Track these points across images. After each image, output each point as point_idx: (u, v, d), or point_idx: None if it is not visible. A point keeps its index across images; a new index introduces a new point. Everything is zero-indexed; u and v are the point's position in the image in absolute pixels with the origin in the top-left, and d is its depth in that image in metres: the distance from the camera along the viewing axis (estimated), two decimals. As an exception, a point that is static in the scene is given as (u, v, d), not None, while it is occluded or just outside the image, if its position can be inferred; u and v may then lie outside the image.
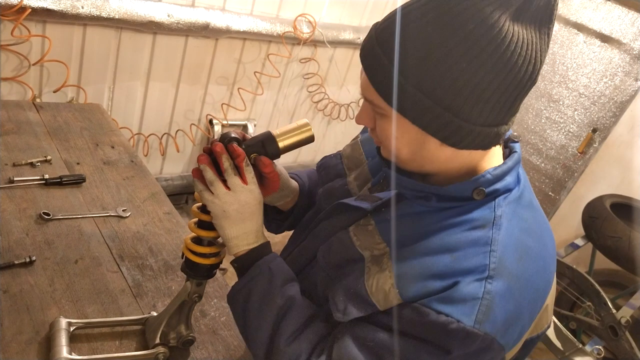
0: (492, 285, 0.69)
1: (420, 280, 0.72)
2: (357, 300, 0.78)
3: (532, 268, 0.75)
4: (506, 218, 0.74)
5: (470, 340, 0.68)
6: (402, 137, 0.73)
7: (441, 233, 0.75)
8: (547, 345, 1.94)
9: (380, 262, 0.78)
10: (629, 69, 3.10)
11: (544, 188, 3.53)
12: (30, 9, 1.76)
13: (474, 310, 0.68)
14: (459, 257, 0.72)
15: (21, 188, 1.27)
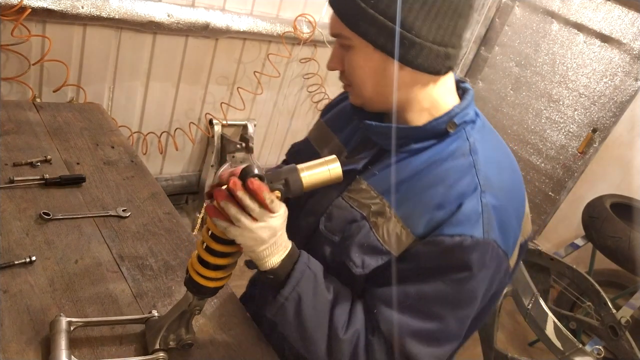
0: (486, 198, 0.81)
1: (425, 215, 0.83)
2: (372, 252, 0.86)
3: (508, 178, 0.89)
4: (479, 143, 0.87)
5: (484, 250, 0.80)
6: (366, 65, 0.83)
7: (429, 169, 0.85)
8: (547, 345, 1.94)
9: (383, 213, 0.87)
10: (629, 69, 3.10)
11: (544, 188, 3.53)
12: (30, 9, 1.76)
13: (480, 223, 0.80)
14: (451, 185, 0.83)
15: (21, 188, 1.27)
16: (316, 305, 0.85)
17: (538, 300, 1.97)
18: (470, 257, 0.79)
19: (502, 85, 3.68)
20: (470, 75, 3.87)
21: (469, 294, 0.84)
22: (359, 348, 0.85)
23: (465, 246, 0.79)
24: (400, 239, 0.84)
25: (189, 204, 3.05)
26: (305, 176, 0.80)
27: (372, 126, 0.90)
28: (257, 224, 0.77)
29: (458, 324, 0.86)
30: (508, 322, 3.13)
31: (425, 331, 0.84)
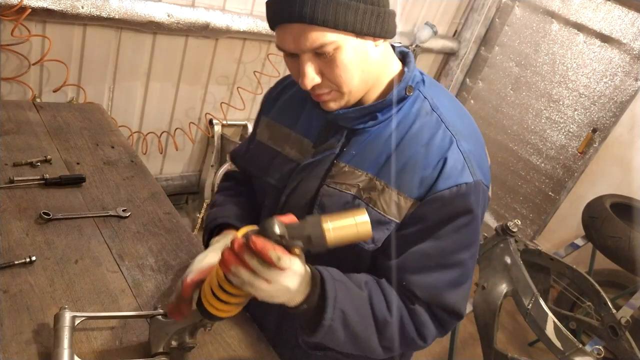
0: (462, 146, 0.90)
1: (415, 176, 0.89)
2: (378, 225, 0.90)
3: (467, 121, 0.98)
4: (435, 97, 0.95)
5: (476, 190, 0.89)
6: (354, 58, 0.84)
7: (401, 134, 0.92)
8: (547, 345, 1.94)
9: (374, 187, 0.91)
10: (629, 69, 3.10)
11: (544, 188, 3.53)
12: (30, 9, 1.76)
13: (466, 169, 0.89)
14: (428, 143, 0.90)
15: (21, 188, 1.27)
16: (359, 310, 0.86)
17: (538, 300, 1.97)
18: (469, 201, 0.88)
19: (502, 85, 3.68)
20: (470, 75, 3.87)
21: (475, 233, 0.93)
22: (404, 320, 0.90)
23: (463, 193, 0.87)
24: (400, 205, 0.90)
25: (189, 204, 3.05)
26: (330, 234, 0.72)
27: (340, 114, 0.93)
28: (271, 286, 0.74)
29: (472, 260, 0.95)
30: (508, 322, 3.13)
31: (454, 279, 0.92)
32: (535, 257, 2.33)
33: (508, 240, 2.12)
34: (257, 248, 0.71)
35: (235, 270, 0.74)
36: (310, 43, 0.81)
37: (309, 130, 1.01)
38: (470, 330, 2.87)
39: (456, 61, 3.79)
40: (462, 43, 3.72)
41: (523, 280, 2.04)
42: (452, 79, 3.83)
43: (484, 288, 2.10)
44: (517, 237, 2.19)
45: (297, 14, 0.79)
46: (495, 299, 2.06)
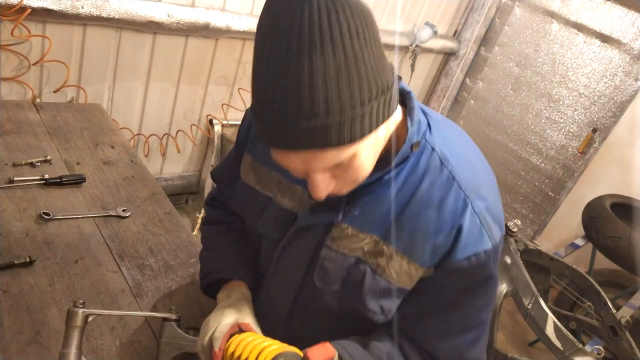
0: (478, 207, 0.81)
1: (427, 243, 0.81)
2: (387, 295, 0.85)
3: (481, 169, 0.88)
4: (444, 147, 0.84)
5: (496, 254, 0.83)
6: (370, 153, 0.73)
7: (409, 194, 0.82)
8: (547, 345, 1.94)
9: (381, 252, 0.83)
10: (629, 69, 3.10)
11: (544, 188, 3.53)
12: (30, 9, 1.76)
13: (484, 234, 0.81)
14: (440, 205, 0.81)
15: (21, 188, 1.27)
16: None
17: (538, 300, 1.97)
18: (489, 268, 0.83)
19: (502, 85, 3.68)
20: (470, 75, 3.87)
21: (494, 291, 0.89)
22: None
23: (482, 262, 0.81)
24: (411, 274, 0.83)
25: (189, 204, 3.05)
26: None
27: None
28: None
29: (490, 312, 0.91)
30: (508, 322, 3.13)
31: (475, 338, 0.89)
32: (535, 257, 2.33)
33: (508, 240, 2.12)
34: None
35: None
36: (324, 163, 0.70)
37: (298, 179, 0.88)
38: (470, 330, 2.86)
39: (456, 61, 3.79)
40: (462, 43, 3.72)
41: (523, 280, 2.04)
42: (452, 79, 3.83)
43: (484, 288, 2.10)
44: (517, 237, 2.19)
45: (307, 141, 0.65)
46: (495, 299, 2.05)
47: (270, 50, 0.64)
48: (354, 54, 0.63)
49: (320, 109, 0.63)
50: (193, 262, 1.25)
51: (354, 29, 0.63)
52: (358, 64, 0.64)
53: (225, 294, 0.97)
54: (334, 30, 0.62)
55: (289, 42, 0.62)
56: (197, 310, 1.12)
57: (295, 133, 0.64)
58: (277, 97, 0.64)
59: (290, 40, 0.62)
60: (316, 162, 0.69)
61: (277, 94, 0.64)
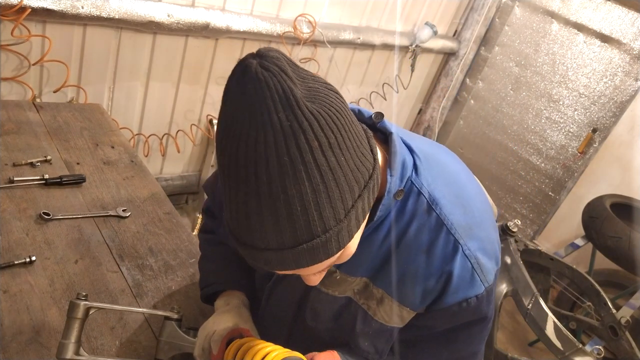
0: (468, 248, 0.77)
1: (417, 287, 0.79)
2: (380, 336, 0.85)
3: (475, 208, 0.82)
4: (433, 188, 0.78)
5: (490, 296, 0.81)
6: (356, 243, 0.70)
7: (399, 239, 0.78)
8: (547, 345, 1.94)
9: (371, 294, 0.83)
10: (629, 69, 3.10)
11: (544, 188, 3.53)
12: (30, 9, 1.76)
13: (476, 278, 0.78)
14: (428, 250, 0.78)
15: (21, 188, 1.27)
16: None
17: (538, 300, 1.97)
18: (482, 310, 0.81)
19: (502, 85, 3.68)
20: (470, 75, 3.87)
21: (488, 327, 0.86)
22: None
23: (474, 306, 0.79)
24: (402, 316, 0.83)
25: (189, 204, 3.05)
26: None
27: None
28: None
29: (483, 346, 0.90)
30: (508, 322, 3.13)
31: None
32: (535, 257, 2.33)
33: (508, 240, 2.12)
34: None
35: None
36: (314, 270, 0.69)
37: None
38: (470, 330, 2.86)
39: (456, 61, 3.79)
40: (462, 43, 3.72)
41: (523, 280, 2.04)
42: (452, 79, 3.83)
43: (484, 288, 2.10)
44: (517, 237, 2.20)
45: (292, 264, 0.63)
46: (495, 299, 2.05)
47: (237, 184, 0.58)
48: (330, 169, 0.58)
49: (304, 236, 0.59)
50: (193, 262, 1.25)
51: (326, 144, 0.57)
52: (336, 177, 0.59)
53: (224, 301, 0.98)
54: (305, 155, 0.56)
55: (257, 175, 0.56)
56: (197, 311, 1.12)
57: (278, 259, 0.62)
58: (255, 232, 0.60)
59: (258, 173, 0.56)
60: (306, 272, 0.68)
61: (254, 229, 0.59)
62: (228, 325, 0.89)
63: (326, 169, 0.58)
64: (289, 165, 0.56)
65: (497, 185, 3.77)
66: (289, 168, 0.56)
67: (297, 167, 0.56)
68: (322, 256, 0.62)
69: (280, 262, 0.62)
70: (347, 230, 0.63)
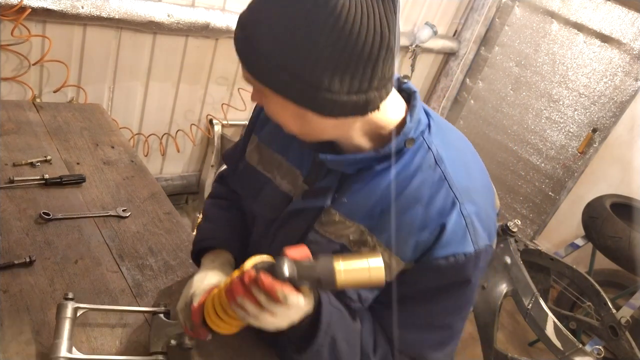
0: (466, 209, 0.81)
1: (410, 238, 0.82)
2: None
3: (477, 176, 0.88)
4: (441, 149, 0.84)
5: (476, 259, 0.82)
6: (284, 113, 0.77)
7: (401, 188, 0.82)
8: (547, 345, 1.94)
9: (365, 242, 0.85)
10: (629, 69, 3.10)
11: (544, 188, 3.53)
12: (30, 9, 1.76)
13: (468, 237, 0.81)
14: (428, 203, 0.81)
15: (21, 188, 1.27)
16: (349, 339, 0.85)
17: (538, 300, 1.97)
18: (467, 272, 0.82)
19: (502, 85, 3.68)
20: (470, 75, 3.87)
21: (470, 297, 0.88)
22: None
23: (461, 263, 0.81)
24: (391, 267, 0.83)
25: (189, 204, 3.05)
26: (341, 278, 0.70)
27: (328, 160, 0.84)
28: (275, 319, 0.74)
29: (462, 322, 0.91)
30: (508, 322, 3.13)
31: (440, 339, 0.90)
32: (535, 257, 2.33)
33: (508, 240, 2.12)
34: (265, 287, 0.70)
35: (241, 302, 0.74)
36: (244, 74, 0.76)
37: (302, 161, 0.93)
38: (470, 330, 2.86)
39: (456, 61, 3.79)
40: (462, 43, 3.72)
41: (523, 280, 2.04)
42: (452, 79, 3.83)
43: (484, 288, 2.10)
44: (517, 237, 2.19)
45: (237, 46, 0.73)
46: (495, 299, 2.06)
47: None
48: (352, 35, 0.66)
49: (253, 41, 0.70)
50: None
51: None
52: (348, 46, 0.66)
53: (210, 259, 1.00)
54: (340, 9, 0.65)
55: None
56: (197, 310, 1.11)
57: (238, 39, 0.73)
58: (254, 12, 0.71)
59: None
60: (243, 70, 0.75)
61: (257, 10, 0.71)
62: (211, 282, 0.91)
63: (347, 33, 0.66)
64: (300, 2, 0.66)
65: (497, 185, 3.76)
66: (299, 5, 0.66)
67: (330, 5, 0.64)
68: (251, 62, 0.72)
69: (237, 43, 0.73)
70: (269, 74, 0.70)
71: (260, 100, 0.80)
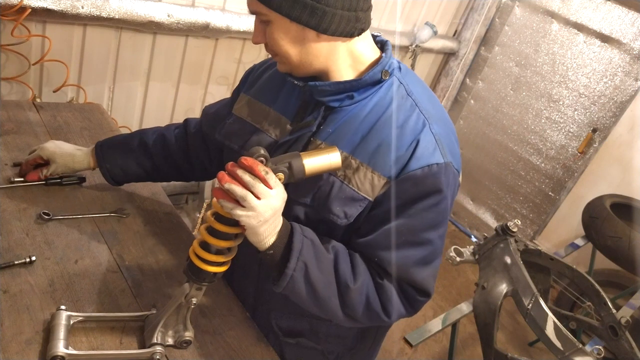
0: (434, 129, 0.95)
1: (388, 155, 0.93)
2: (351, 202, 0.95)
3: (440, 109, 1.03)
4: (410, 84, 1.00)
5: (447, 171, 0.94)
6: (286, 37, 0.90)
7: (377, 115, 0.96)
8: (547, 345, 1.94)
9: (349, 165, 0.95)
10: (629, 69, 3.10)
11: (544, 188, 3.53)
12: (30, 9, 1.76)
13: (438, 150, 0.94)
14: (402, 125, 0.95)
15: (21, 188, 1.27)
16: (322, 268, 0.91)
17: (538, 300, 1.97)
18: (439, 181, 0.93)
19: (502, 85, 3.68)
20: (470, 75, 3.87)
21: (444, 213, 0.97)
22: (370, 294, 0.95)
23: (434, 172, 0.92)
24: (373, 183, 0.94)
25: (189, 204, 3.05)
26: (307, 162, 0.86)
27: (317, 86, 0.96)
28: (260, 202, 0.81)
29: (441, 240, 1.00)
30: (508, 322, 3.13)
31: (422, 257, 0.97)
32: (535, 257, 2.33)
33: (508, 240, 2.12)
34: (247, 164, 0.80)
35: (228, 187, 0.80)
36: (252, 7, 0.90)
37: (287, 108, 1.05)
38: (470, 330, 2.87)
39: (456, 61, 3.79)
40: (462, 43, 3.72)
41: (523, 280, 2.04)
42: (452, 79, 3.83)
43: (484, 288, 2.10)
44: (517, 237, 2.19)
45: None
46: (495, 299, 2.05)
47: None
48: None
49: None
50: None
51: None
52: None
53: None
54: None
55: None
56: (197, 310, 1.12)
57: None
58: None
59: None
60: (249, 3, 0.90)
61: None
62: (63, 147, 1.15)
63: None
64: None
65: (497, 185, 3.77)
66: None
67: None
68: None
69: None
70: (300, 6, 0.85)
71: (263, 37, 0.94)
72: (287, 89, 1.07)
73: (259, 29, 0.95)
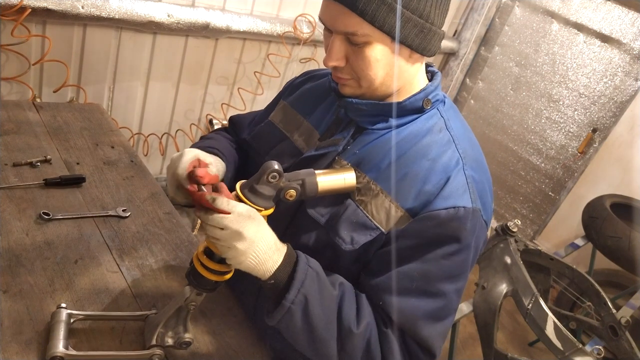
0: (468, 171, 0.87)
1: (413, 188, 0.86)
2: (361, 228, 0.88)
3: (479, 153, 0.95)
4: (451, 120, 0.94)
5: (474, 218, 0.85)
6: (383, 59, 0.83)
7: (410, 144, 0.89)
8: (547, 345, 1.94)
9: (369, 190, 0.89)
10: (629, 69, 3.10)
11: (544, 188, 3.53)
12: (30, 9, 1.76)
13: (468, 193, 0.85)
14: (435, 158, 0.87)
15: (21, 188, 1.27)
16: (324, 304, 0.82)
17: (538, 300, 1.97)
18: (464, 227, 0.84)
19: (502, 85, 3.68)
20: (470, 75, 3.87)
21: (465, 266, 0.87)
22: (372, 340, 0.84)
23: (460, 216, 0.83)
24: (390, 213, 0.87)
25: (189, 204, 3.05)
26: (321, 180, 0.83)
27: (353, 103, 0.91)
28: (225, 232, 0.75)
29: (457, 296, 0.89)
30: (508, 322, 3.13)
31: (434, 311, 0.86)
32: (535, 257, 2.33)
33: (508, 240, 2.12)
34: (194, 197, 0.77)
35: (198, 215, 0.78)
36: (344, 26, 0.80)
37: (320, 123, 1.01)
38: (470, 330, 2.86)
39: (456, 61, 3.79)
40: (462, 43, 3.72)
41: (523, 280, 2.04)
42: (452, 79, 3.83)
43: (484, 288, 2.10)
44: (517, 237, 2.19)
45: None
46: (495, 299, 2.05)
47: None
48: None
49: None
50: (193, 262, 1.25)
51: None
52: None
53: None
54: None
55: None
56: (197, 310, 1.11)
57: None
58: None
59: None
60: (340, 20, 0.80)
61: None
62: (187, 157, 0.96)
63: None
64: None
65: (497, 185, 3.77)
66: None
67: None
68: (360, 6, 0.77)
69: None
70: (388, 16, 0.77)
71: (343, 58, 0.85)
72: (327, 103, 1.03)
73: (340, 49, 0.84)
